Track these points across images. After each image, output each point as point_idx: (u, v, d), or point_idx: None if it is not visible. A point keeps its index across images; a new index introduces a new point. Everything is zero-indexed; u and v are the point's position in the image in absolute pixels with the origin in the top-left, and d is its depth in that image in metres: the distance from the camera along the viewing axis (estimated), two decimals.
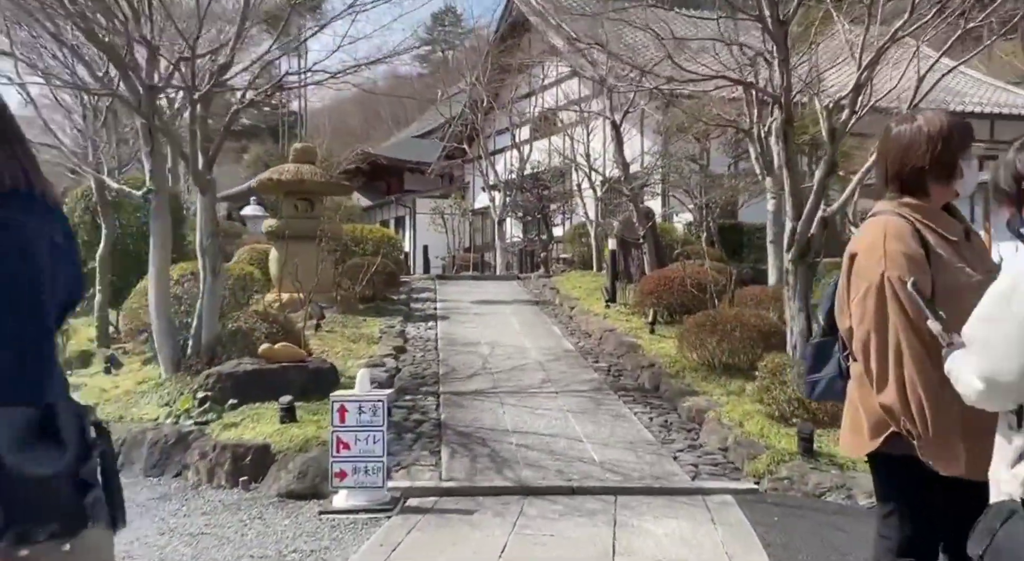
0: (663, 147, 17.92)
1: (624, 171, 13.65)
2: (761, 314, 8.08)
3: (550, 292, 14.92)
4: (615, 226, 14.65)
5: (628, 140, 15.21)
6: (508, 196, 22.61)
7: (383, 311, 12.10)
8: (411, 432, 6.35)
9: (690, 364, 8.16)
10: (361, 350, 9.14)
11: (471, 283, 17.29)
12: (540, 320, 12.11)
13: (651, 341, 9.70)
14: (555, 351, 9.69)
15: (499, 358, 9.23)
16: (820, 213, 6.80)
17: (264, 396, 6.47)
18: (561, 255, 23.54)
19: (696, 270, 10.43)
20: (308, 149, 12.15)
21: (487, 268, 25.62)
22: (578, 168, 17.81)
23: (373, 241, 15.00)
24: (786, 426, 6.01)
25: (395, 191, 37.32)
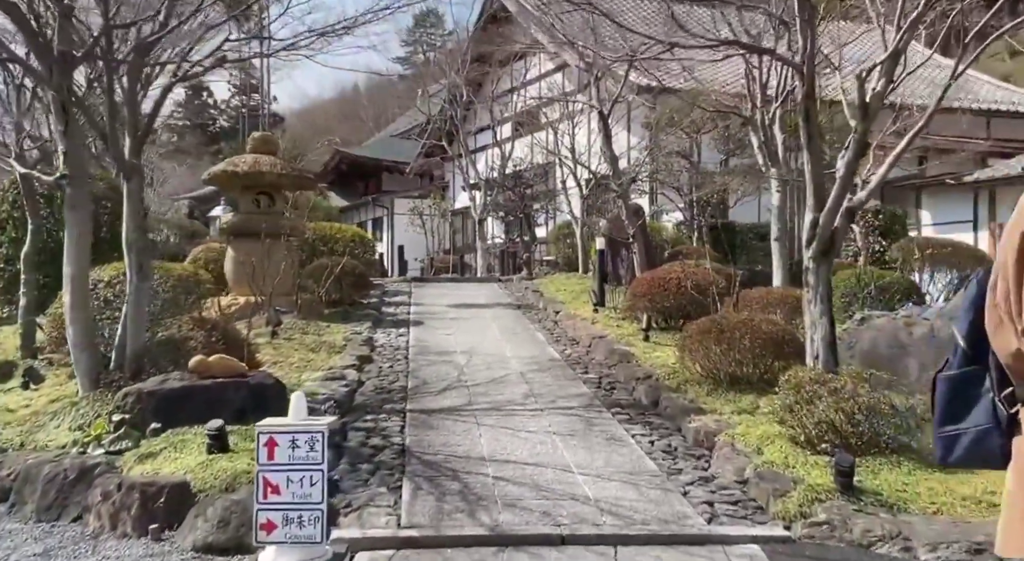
0: (651, 141, 16.98)
1: (612, 165, 12.69)
2: (772, 319, 7.12)
3: (533, 295, 13.93)
4: (602, 225, 13.69)
5: (614, 136, 14.25)
6: (489, 195, 21.60)
7: (351, 316, 11.06)
8: (368, 461, 5.32)
9: (692, 376, 7.19)
10: (320, 361, 8.10)
11: (449, 286, 16.25)
12: (522, 326, 11.11)
13: (646, 349, 8.73)
14: (539, 360, 8.70)
15: (476, 369, 8.23)
16: (846, 202, 5.85)
17: (194, 418, 5.42)
18: (544, 257, 22.58)
19: (695, 271, 9.47)
20: (268, 139, 11.09)
21: (467, 270, 24.60)
22: (563, 164, 16.84)
23: (343, 241, 13.98)
24: (814, 453, 5.04)
25: (373, 192, 36.25)
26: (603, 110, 12.73)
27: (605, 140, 12.77)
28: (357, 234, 14.34)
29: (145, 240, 6.42)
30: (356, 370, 7.84)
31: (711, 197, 16.66)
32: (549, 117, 18.95)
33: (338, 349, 8.77)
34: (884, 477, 4.63)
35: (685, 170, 16.74)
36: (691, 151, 17.72)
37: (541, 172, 22.01)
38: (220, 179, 10.65)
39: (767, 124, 9.11)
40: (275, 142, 11.14)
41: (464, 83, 22.15)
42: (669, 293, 9.47)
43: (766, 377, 6.88)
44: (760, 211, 19.81)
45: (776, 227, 9.33)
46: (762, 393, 6.62)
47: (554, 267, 20.31)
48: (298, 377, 7.22)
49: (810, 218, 5.96)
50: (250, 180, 10.63)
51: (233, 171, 10.46)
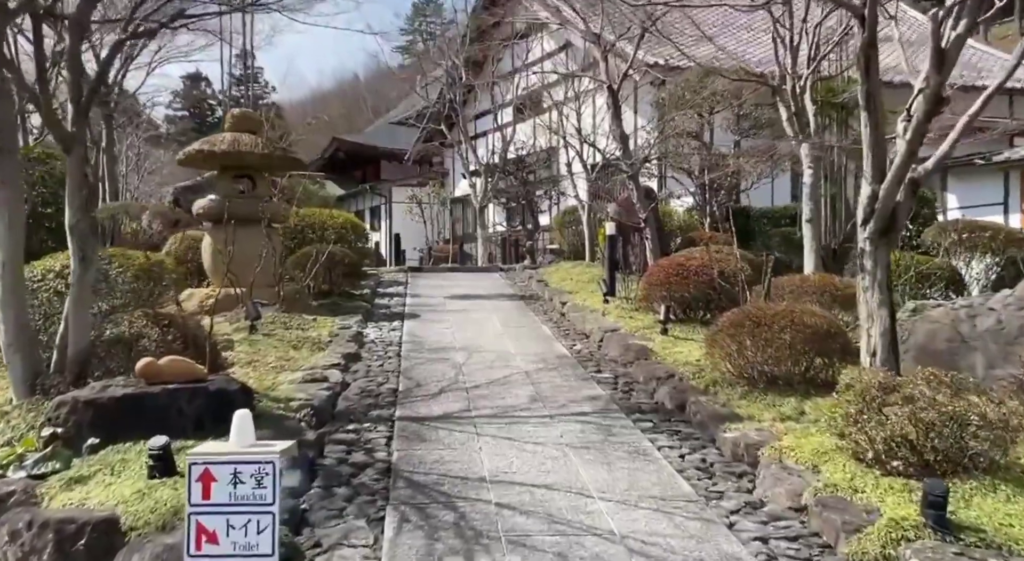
0: (661, 121, 16.02)
1: (622, 144, 11.77)
2: (814, 310, 6.21)
3: (537, 285, 13.04)
4: (611, 209, 12.78)
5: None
6: (490, 181, 20.67)
7: (340, 309, 10.17)
8: (347, 484, 4.44)
9: (722, 375, 6.29)
10: (302, 359, 7.21)
11: (448, 276, 15.37)
12: (527, 319, 10.22)
13: (664, 344, 7.84)
14: (546, 357, 7.81)
15: (476, 368, 7.34)
16: (911, 172, 4.94)
17: (140, 432, 4.54)
18: (548, 245, 21.68)
19: (719, 257, 8.56)
20: (248, 116, 10.17)
21: (468, 260, 23.70)
22: (568, 146, 15.91)
23: (334, 228, 13.08)
24: (884, 473, 4.15)
25: (371, 180, 35.32)
26: (612, 85, 11.79)
27: (614, 117, 11.84)
28: (349, 221, 13.43)
29: (89, 222, 5.52)
30: (341, 370, 6.96)
31: (724, 180, 15.76)
32: (553, 98, 17.98)
33: (323, 346, 7.89)
34: (981, 506, 3.75)
35: (696, 152, 15.82)
36: (702, 132, 16.81)
37: (544, 157, 21.08)
38: (196, 159, 9.74)
39: (798, 93, 8.18)
40: (257, 120, 10.24)
41: (463, 64, 21.21)
42: (689, 281, 8.57)
43: (809, 377, 6.00)
44: (774, 195, 18.94)
45: (808, 207, 8.42)
46: (805, 396, 5.74)
47: (559, 255, 19.41)
48: (273, 379, 6.34)
49: (868, 191, 5.06)
50: (229, 161, 9.73)
51: (210, 150, 9.56)
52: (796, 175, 18.70)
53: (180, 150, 10.27)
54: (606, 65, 11.84)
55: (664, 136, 14.42)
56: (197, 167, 11.62)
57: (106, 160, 15.54)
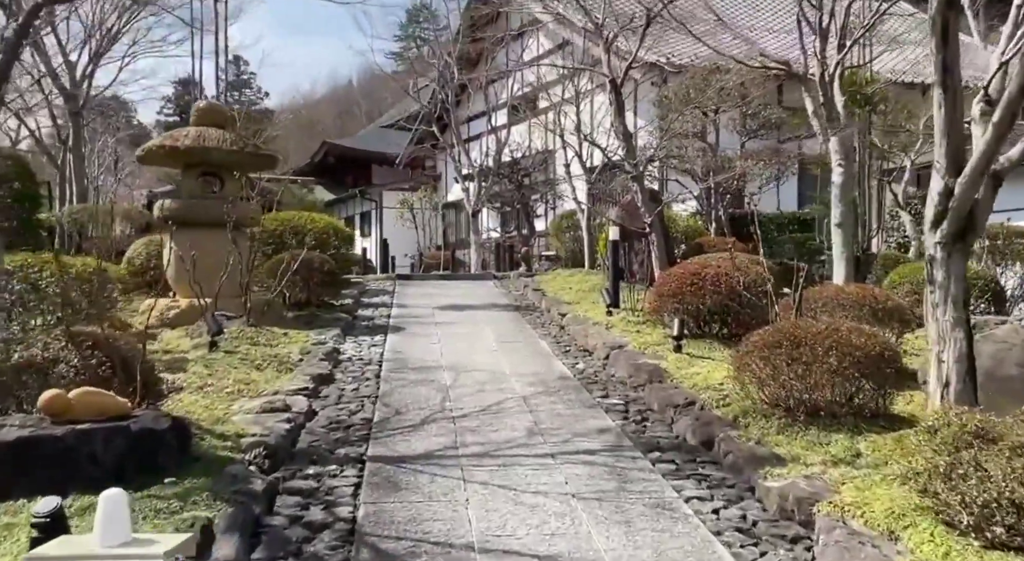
0: (663, 120, 15.13)
1: (626, 142, 10.86)
2: (863, 329, 5.28)
3: (534, 295, 12.12)
4: (614, 213, 11.87)
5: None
6: (484, 185, 19.75)
7: (317, 321, 9.24)
8: (295, 556, 3.49)
9: (753, 404, 5.36)
10: (264, 382, 6.26)
11: (438, 284, 14.43)
12: (523, 332, 9.29)
13: (679, 363, 6.92)
14: (545, 378, 6.88)
15: (466, 391, 6.40)
16: (994, 164, 4.03)
17: (40, 484, 3.60)
18: (544, 252, 20.77)
19: (740, 264, 7.64)
20: (215, 109, 9.22)
21: (461, 267, 22.76)
22: (567, 145, 15.00)
23: (315, 232, 12.14)
24: (986, 544, 3.23)
25: (363, 185, 34.37)
26: (615, 78, 10.88)
27: (617, 113, 10.93)
28: (331, 225, 12.49)
29: None
30: (308, 396, 6.01)
31: (730, 184, 14.88)
32: (551, 98, 17.09)
33: (291, 365, 6.94)
34: None
35: (700, 153, 14.93)
36: (706, 132, 15.94)
37: (541, 159, 20.19)
38: (156, 156, 8.78)
39: (827, 81, 7.30)
40: (224, 113, 9.29)
41: (455, 62, 20.31)
42: (705, 292, 7.65)
43: (855, 406, 5.08)
44: (780, 200, 18.09)
45: (838, 210, 7.51)
46: (855, 431, 4.81)
47: (555, 262, 18.51)
48: (226, 409, 5.38)
49: (939, 187, 4.15)
50: (194, 157, 8.80)
51: (172, 146, 8.61)
52: (805, 179, 17.95)
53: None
54: (608, 57, 10.93)
55: (667, 136, 13.52)
56: (159, 164, 10.67)
57: (73, 160, 14.59)
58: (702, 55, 17.75)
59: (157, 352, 7.24)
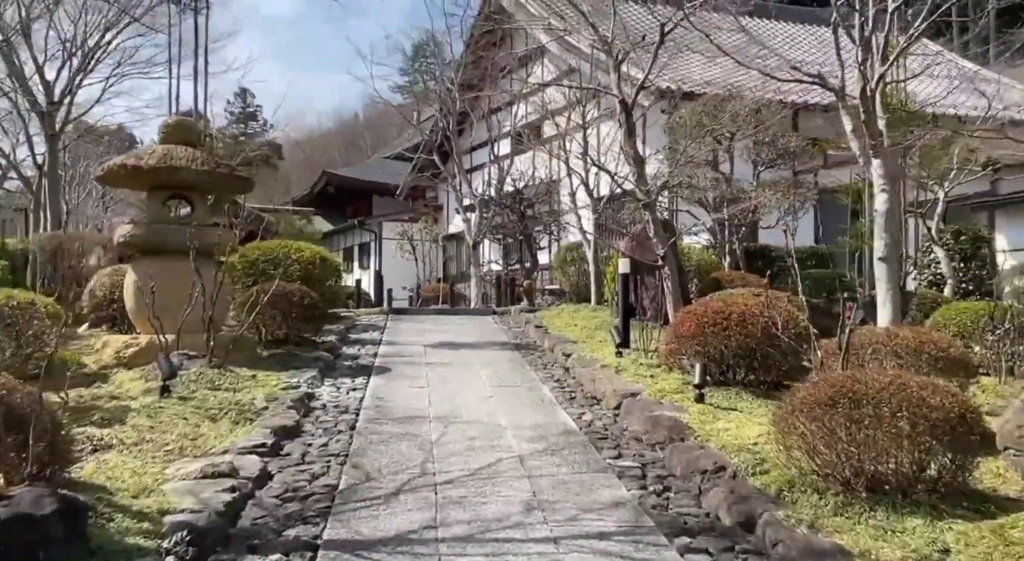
0: (673, 147, 14.30)
1: (637, 167, 10.00)
2: (938, 384, 4.32)
3: (536, 332, 11.18)
4: (624, 244, 10.98)
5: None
6: (485, 215, 18.93)
7: (293, 361, 8.30)
8: None
9: (800, 473, 4.39)
10: (214, 437, 5.30)
11: (434, 319, 13.51)
12: (523, 375, 8.34)
13: (703, 417, 5.95)
14: (547, 433, 5.91)
15: (453, 448, 5.44)
16: None
17: None
18: (547, 286, 19.87)
19: (770, 303, 6.70)
20: (185, 125, 8.38)
21: (462, 300, 21.85)
22: (572, 172, 14.16)
23: (300, 262, 11.25)
24: None
25: (363, 216, 33.63)
26: (625, 99, 10.06)
27: (627, 136, 10.09)
28: (318, 254, 11.60)
29: None
30: (265, 454, 5.05)
31: (745, 216, 14.02)
32: (556, 125, 16.29)
33: (253, 414, 5.98)
34: None
35: (713, 183, 14.08)
36: (720, 161, 15.12)
37: (544, 189, 19.39)
38: (117, 176, 7.92)
39: (869, 96, 6.42)
40: (195, 130, 8.45)
41: (457, 88, 19.63)
42: (730, 334, 6.71)
43: (931, 481, 4.11)
44: (796, 234, 17.21)
45: (883, 241, 6.59)
46: (935, 514, 3.85)
47: (559, 297, 17.61)
48: (158, 475, 4.43)
49: None
50: (159, 178, 7.94)
51: (135, 166, 7.76)
52: (822, 212, 17.08)
53: None
54: (617, 76, 10.12)
55: (678, 164, 12.68)
56: (121, 186, 9.81)
57: (48, 184, 13.78)
58: (715, 81, 17.09)
59: (102, 398, 6.31)
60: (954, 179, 10.97)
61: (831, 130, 15.72)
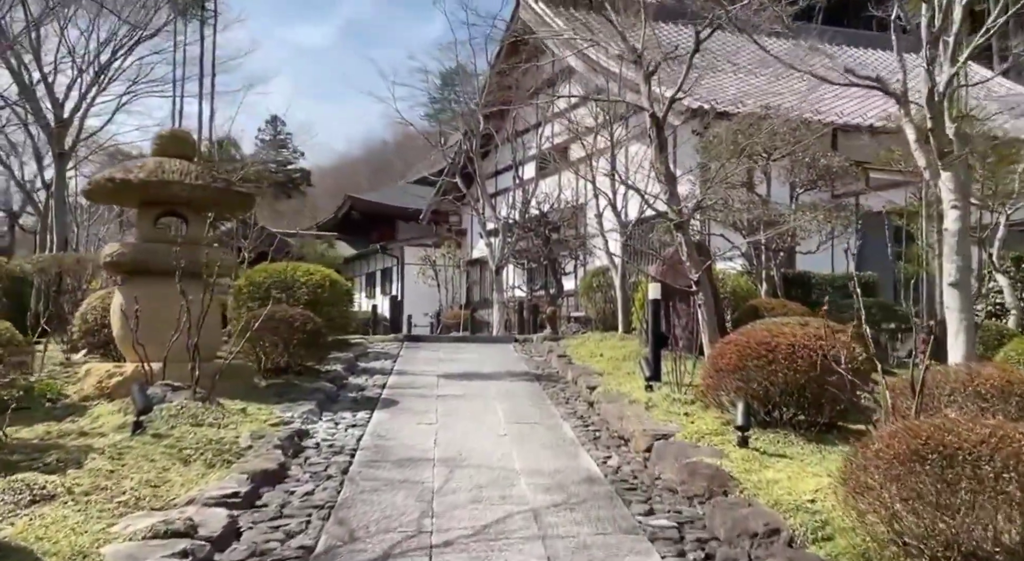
0: (706, 167, 13.52)
1: (668, 185, 9.25)
2: None
3: (559, 362, 10.41)
4: (655, 268, 10.22)
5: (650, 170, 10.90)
6: (508, 239, 18.25)
7: (293, 391, 7.61)
8: None
9: (876, 542, 3.57)
10: (179, 485, 4.59)
11: (452, 347, 12.79)
12: (543, 410, 7.56)
13: (748, 464, 5.14)
14: (567, 481, 5.13)
15: (457, 500, 4.67)
16: None
17: None
18: (573, 313, 19.08)
19: (823, 333, 5.89)
20: (180, 137, 7.80)
21: (484, 327, 21.13)
22: (599, 193, 13.43)
23: (308, 286, 10.60)
24: None
25: (387, 241, 33.17)
26: (656, 113, 9.35)
27: (658, 152, 9.36)
28: (328, 277, 10.94)
29: None
30: (236, 506, 4.32)
31: (784, 240, 13.18)
32: (584, 146, 15.62)
33: (233, 455, 5.27)
34: None
35: (747, 205, 13.26)
36: (753, 180, 14.30)
37: (570, 213, 18.69)
38: (105, 190, 7.33)
39: (937, 101, 5.63)
40: (190, 142, 7.86)
41: (481, 109, 19.09)
42: (777, 368, 5.89)
43: None
44: (834, 261, 16.32)
45: (954, 264, 5.75)
46: None
47: (585, 324, 16.82)
48: (100, 534, 3.72)
49: None
50: (150, 193, 7.35)
51: (124, 179, 7.17)
52: (864, 237, 16.17)
53: None
54: (649, 88, 9.42)
55: (712, 183, 11.89)
56: (110, 201, 9.24)
57: (55, 205, 13.35)
58: (748, 101, 16.36)
59: (68, 435, 5.67)
60: (1016, 201, 10.09)
61: (872, 152, 14.92)
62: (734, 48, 20.48)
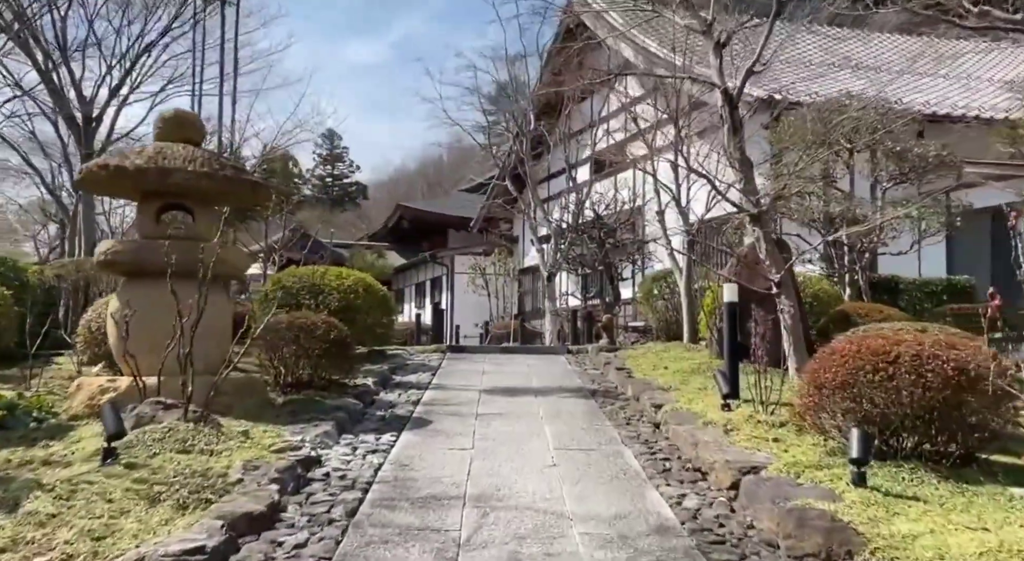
0: (778, 159, 12.17)
1: (744, 172, 8.03)
2: None
3: (617, 376, 9.22)
4: (728, 268, 8.98)
5: (706, 162, 9.62)
6: (561, 244, 17.12)
7: (311, 408, 6.61)
8: None
9: None
10: (130, 537, 3.57)
11: (498, 358, 11.70)
12: (599, 433, 6.39)
13: (872, 510, 3.91)
14: (632, 530, 3.97)
15: (488, 557, 3.56)
16: None
17: None
18: (630, 322, 17.84)
19: (962, 343, 4.61)
20: (185, 118, 6.87)
21: (536, 338, 20.01)
22: (662, 188, 12.20)
23: (339, 291, 9.65)
24: None
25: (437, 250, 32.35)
26: (728, 89, 8.15)
27: (732, 135, 8.14)
28: (362, 282, 9.96)
29: None
30: None
31: (869, 241, 11.75)
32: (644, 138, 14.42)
33: (215, 491, 4.25)
34: None
35: (830, 200, 11.87)
36: (838, 176, 12.90)
37: (626, 215, 17.48)
38: (98, 180, 6.44)
39: None
40: (197, 125, 6.93)
41: (532, 107, 18.07)
42: (900, 384, 4.63)
43: None
44: (921, 263, 14.79)
45: None
46: None
47: (644, 334, 15.59)
48: None
49: None
50: (149, 182, 6.44)
51: (118, 166, 6.28)
52: (957, 238, 14.60)
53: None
54: (720, 62, 8.23)
55: (790, 176, 10.57)
56: (104, 192, 8.40)
57: (83, 209, 12.73)
58: (823, 93, 14.97)
59: (31, 464, 4.74)
60: None
61: (965, 146, 13.41)
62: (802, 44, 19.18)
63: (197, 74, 11.88)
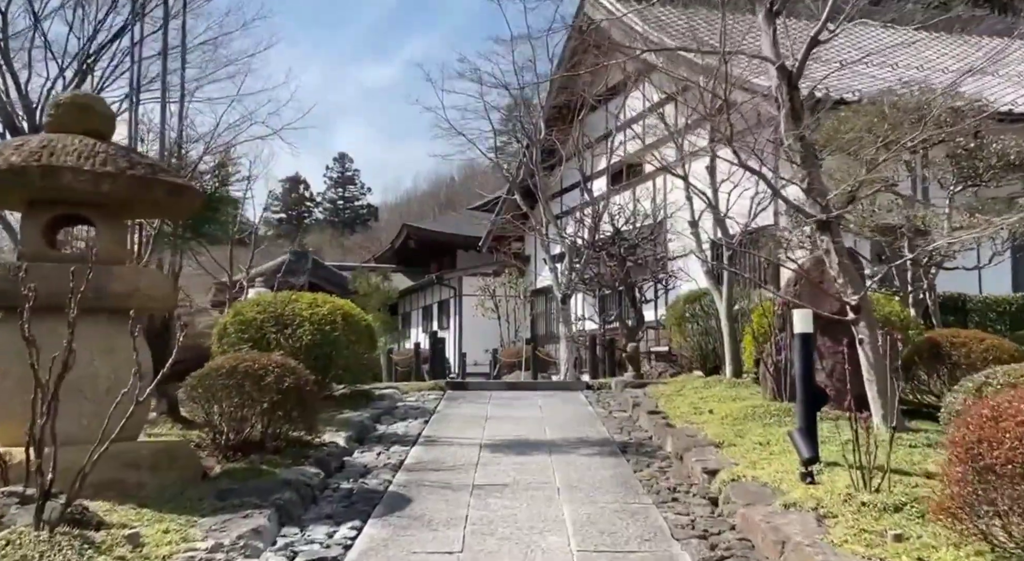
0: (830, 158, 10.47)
1: (808, 168, 6.36)
2: None
3: (650, 421, 7.50)
4: (785, 286, 7.29)
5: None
6: (576, 262, 15.46)
7: (250, 485, 4.93)
8: None
9: None
10: None
11: (505, 397, 10.00)
12: (637, 518, 4.64)
13: None
14: None
15: None
16: None
17: None
18: (653, 348, 16.11)
19: None
20: (87, 104, 5.26)
21: (548, 366, 18.29)
22: (695, 193, 10.49)
23: (313, 322, 8.00)
24: None
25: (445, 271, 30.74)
26: (784, 64, 6.49)
27: (791, 120, 6.48)
28: (341, 311, 8.31)
29: None
30: None
31: (939, 253, 10.00)
32: (674, 139, 12.79)
33: None
34: None
35: (899, 208, 10.14)
36: (898, 180, 11.17)
37: (648, 230, 15.79)
38: None
39: None
40: (101, 112, 5.30)
41: (544, 113, 16.51)
42: None
43: None
44: (982, 281, 12.99)
45: None
46: None
47: (671, 362, 13.88)
48: None
49: None
50: (32, 186, 4.84)
51: None
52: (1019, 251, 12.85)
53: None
54: (774, 32, 6.58)
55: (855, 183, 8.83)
56: None
57: None
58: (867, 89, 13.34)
59: None
60: None
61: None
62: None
63: (166, 76, 10.37)
